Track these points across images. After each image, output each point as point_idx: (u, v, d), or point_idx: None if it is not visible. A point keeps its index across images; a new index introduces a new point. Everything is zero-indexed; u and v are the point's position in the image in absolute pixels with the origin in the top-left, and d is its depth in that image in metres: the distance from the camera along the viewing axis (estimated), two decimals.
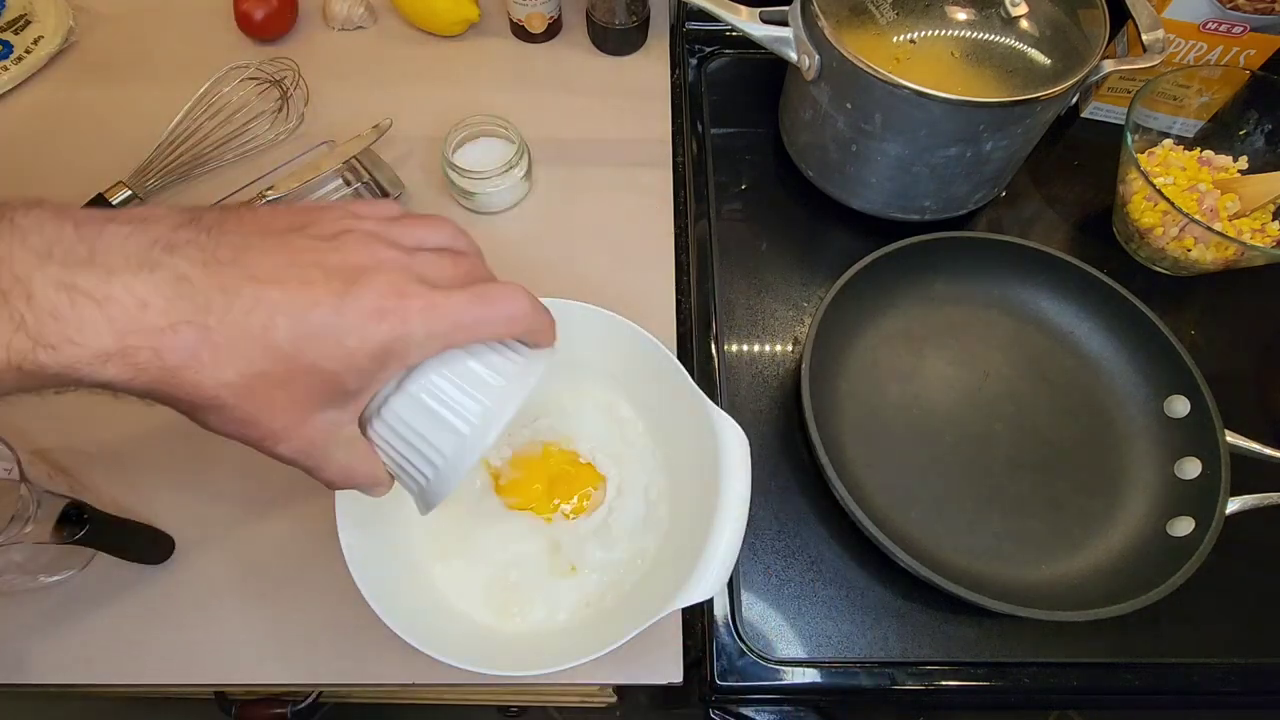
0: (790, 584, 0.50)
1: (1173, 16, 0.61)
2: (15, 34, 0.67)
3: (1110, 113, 0.70)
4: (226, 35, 0.69)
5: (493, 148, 0.61)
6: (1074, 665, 0.48)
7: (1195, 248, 0.58)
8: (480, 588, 0.44)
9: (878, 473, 0.52)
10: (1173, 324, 0.54)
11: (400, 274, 0.28)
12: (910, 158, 0.56)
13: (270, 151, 0.63)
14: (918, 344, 0.57)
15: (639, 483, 0.47)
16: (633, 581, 0.44)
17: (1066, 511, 0.51)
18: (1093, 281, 0.56)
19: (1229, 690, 0.48)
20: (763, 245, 0.63)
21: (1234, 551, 0.47)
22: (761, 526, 0.51)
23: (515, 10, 0.69)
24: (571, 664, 0.37)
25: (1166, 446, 0.52)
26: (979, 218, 0.65)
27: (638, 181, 0.63)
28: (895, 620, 0.48)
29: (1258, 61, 0.64)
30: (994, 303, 0.59)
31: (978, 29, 0.54)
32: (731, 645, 0.48)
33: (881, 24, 0.54)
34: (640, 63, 0.71)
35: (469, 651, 0.38)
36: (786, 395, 0.56)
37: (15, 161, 0.62)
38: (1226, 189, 0.60)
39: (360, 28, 0.71)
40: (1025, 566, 0.49)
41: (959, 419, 0.55)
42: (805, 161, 0.64)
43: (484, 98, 0.67)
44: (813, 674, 0.47)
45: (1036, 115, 0.54)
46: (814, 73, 0.56)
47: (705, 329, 0.58)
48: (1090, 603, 0.45)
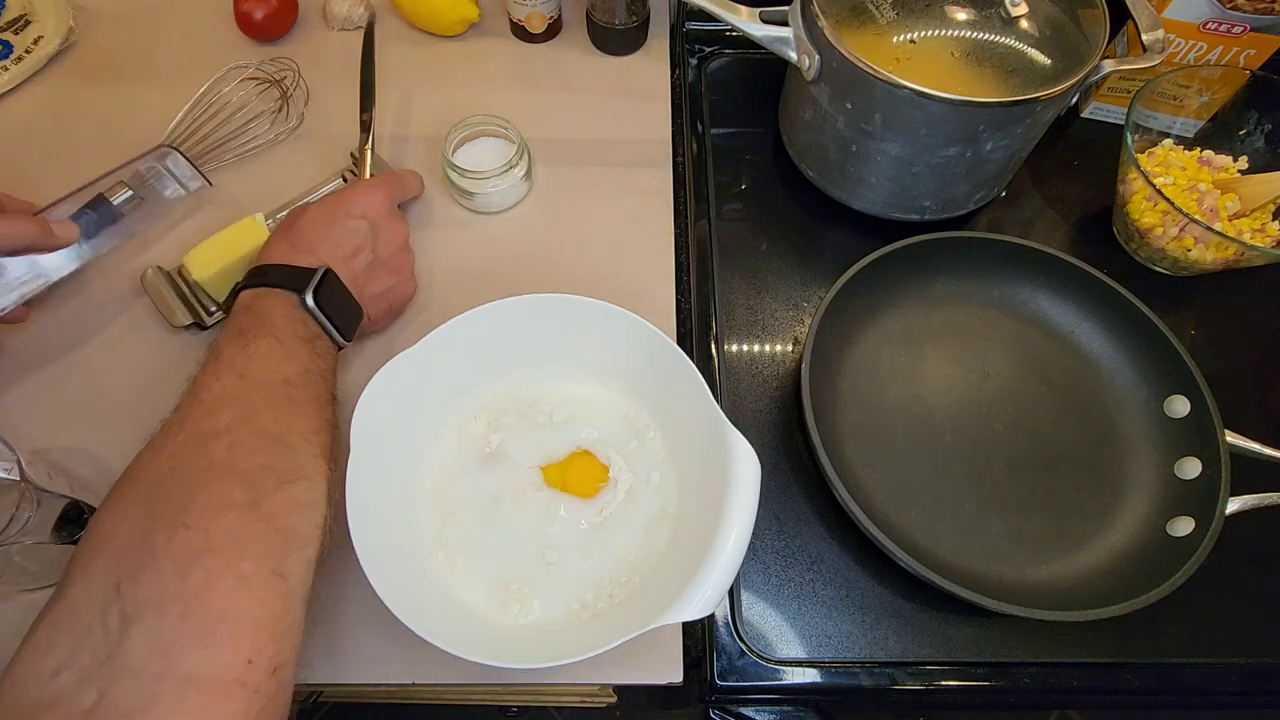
0: (790, 584, 0.50)
1: (1173, 16, 0.61)
2: (15, 34, 0.67)
3: (1110, 113, 0.70)
4: (226, 35, 0.69)
5: (493, 148, 0.61)
6: (1074, 665, 0.48)
7: (1195, 248, 0.58)
8: (484, 585, 0.44)
9: (878, 473, 0.52)
10: (1173, 324, 0.54)
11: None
12: (910, 158, 0.56)
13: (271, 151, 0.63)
14: (918, 344, 0.57)
15: (648, 489, 0.47)
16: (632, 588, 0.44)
17: (1066, 511, 0.51)
18: (1093, 281, 0.56)
19: (1229, 690, 0.48)
20: (763, 245, 0.63)
21: (1234, 551, 0.47)
22: (761, 526, 0.51)
23: (515, 10, 0.69)
24: (574, 659, 0.37)
25: (1166, 446, 0.52)
26: (979, 218, 0.65)
27: (638, 181, 0.63)
28: (895, 620, 0.48)
29: (1258, 61, 0.64)
30: (994, 303, 0.59)
31: (978, 29, 0.54)
32: (731, 645, 0.48)
33: (881, 24, 0.54)
34: (640, 63, 0.71)
35: (473, 646, 0.38)
36: (786, 395, 0.56)
37: (15, 161, 0.62)
38: (1226, 189, 0.60)
39: (360, 28, 0.71)
40: (1025, 566, 0.49)
41: (959, 419, 0.55)
42: (805, 161, 0.64)
43: (484, 98, 0.67)
44: (813, 674, 0.47)
45: (1036, 115, 0.54)
46: (814, 73, 0.56)
47: (705, 329, 0.58)
48: (1090, 603, 0.45)
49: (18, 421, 0.50)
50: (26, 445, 0.46)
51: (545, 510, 0.46)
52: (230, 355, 0.41)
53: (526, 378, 0.50)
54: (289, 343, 0.42)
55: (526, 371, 0.50)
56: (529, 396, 0.50)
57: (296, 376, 0.41)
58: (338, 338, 0.46)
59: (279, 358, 0.41)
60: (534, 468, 0.48)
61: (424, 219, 0.60)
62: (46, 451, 0.49)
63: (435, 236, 0.59)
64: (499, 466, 0.48)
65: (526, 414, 0.50)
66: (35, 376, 0.52)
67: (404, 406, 0.45)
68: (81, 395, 0.52)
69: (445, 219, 0.60)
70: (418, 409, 0.46)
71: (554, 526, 0.46)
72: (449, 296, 0.57)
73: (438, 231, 0.60)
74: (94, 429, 0.50)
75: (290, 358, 0.42)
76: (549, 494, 0.47)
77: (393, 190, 0.54)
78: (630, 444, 0.49)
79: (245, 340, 0.41)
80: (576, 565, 0.45)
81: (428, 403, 0.47)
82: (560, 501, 0.47)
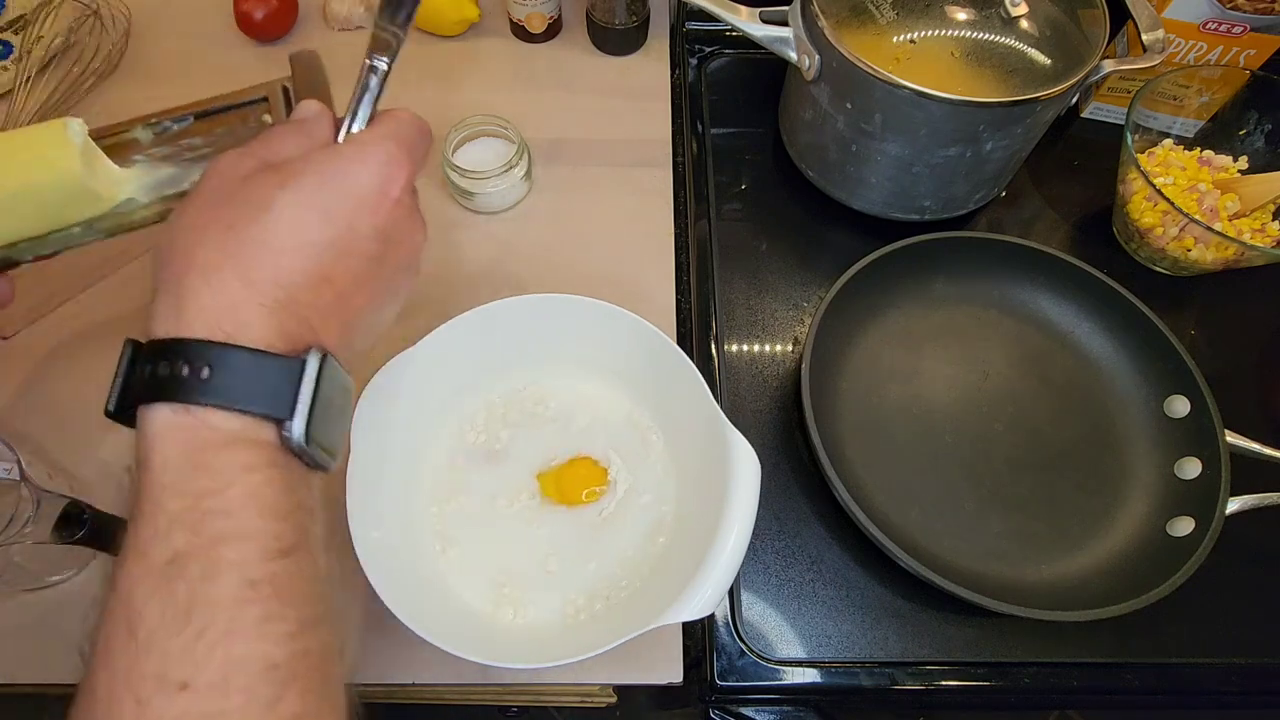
0: (790, 584, 0.50)
1: (1173, 16, 0.61)
2: (15, 34, 0.67)
3: (1110, 113, 0.70)
4: (227, 35, 0.69)
5: (493, 148, 0.61)
6: (1074, 665, 0.48)
7: (1195, 248, 0.58)
8: (484, 585, 0.44)
9: (878, 473, 0.52)
10: (1173, 324, 0.54)
11: None
12: (910, 158, 0.56)
13: None
14: (918, 344, 0.57)
15: (648, 489, 0.47)
16: (632, 589, 0.44)
17: (1066, 511, 0.51)
18: (1093, 281, 0.56)
19: (1229, 690, 0.48)
20: (763, 245, 0.63)
21: (1234, 551, 0.47)
22: (761, 526, 0.51)
23: (515, 10, 0.69)
24: (574, 659, 0.37)
25: (1166, 446, 0.52)
26: (979, 218, 0.65)
27: (638, 181, 0.63)
28: (895, 620, 0.48)
29: (1258, 61, 0.64)
30: (994, 303, 0.59)
31: (978, 29, 0.54)
32: (731, 645, 0.48)
33: (881, 24, 0.54)
34: (640, 63, 0.71)
35: (474, 646, 0.38)
36: (786, 395, 0.56)
37: None
38: (1226, 189, 0.60)
39: (360, 28, 0.71)
40: (1025, 566, 0.49)
41: (959, 419, 0.54)
42: (805, 161, 0.64)
43: (484, 98, 0.67)
44: (813, 674, 0.47)
45: (1036, 115, 0.54)
46: (814, 73, 0.56)
47: (705, 329, 0.58)
48: (1090, 603, 0.45)
49: (18, 422, 0.50)
50: (26, 445, 0.46)
51: (545, 511, 0.46)
52: (163, 648, 0.23)
53: (526, 378, 0.50)
54: (271, 576, 0.24)
55: (526, 371, 0.50)
56: (529, 397, 0.50)
57: (287, 658, 0.24)
58: (330, 466, 0.29)
59: (256, 634, 0.23)
60: (530, 475, 0.48)
61: (427, 220, 0.60)
62: (46, 451, 0.49)
63: (435, 236, 0.59)
64: (499, 467, 0.48)
65: (526, 414, 0.50)
66: (35, 376, 0.52)
67: (404, 406, 0.45)
68: (78, 395, 0.52)
69: (445, 219, 0.60)
70: (417, 409, 0.46)
71: (554, 527, 0.46)
72: (449, 296, 0.57)
73: (437, 231, 0.59)
74: (94, 429, 0.50)
75: (277, 617, 0.24)
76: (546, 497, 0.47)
77: (415, 157, 0.33)
78: (630, 444, 0.49)
79: (186, 598, 0.23)
80: (576, 565, 0.45)
81: (427, 403, 0.47)
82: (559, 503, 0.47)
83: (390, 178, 0.30)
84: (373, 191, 0.30)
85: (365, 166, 0.30)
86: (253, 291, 0.26)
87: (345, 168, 0.29)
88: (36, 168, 0.31)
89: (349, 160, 0.30)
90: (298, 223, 0.28)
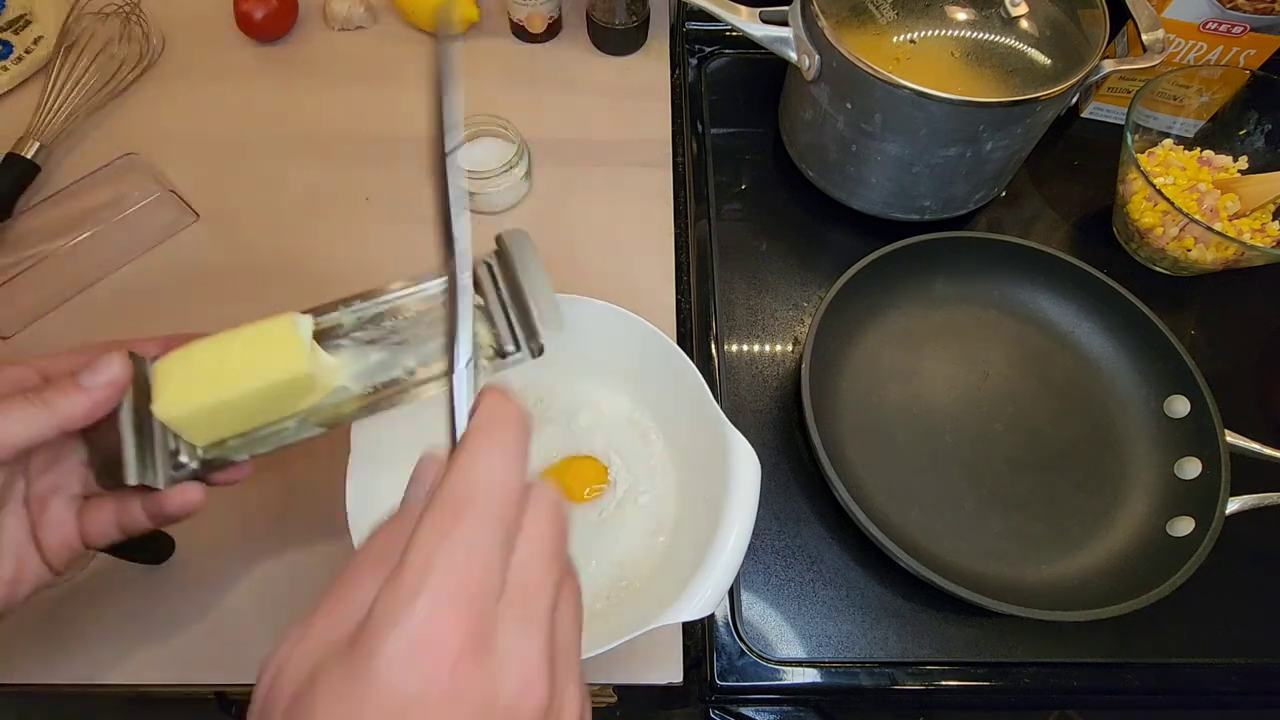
0: (790, 584, 0.50)
1: (1173, 16, 0.61)
2: (15, 34, 0.67)
3: (1110, 113, 0.70)
4: (227, 35, 0.69)
5: (493, 148, 0.61)
6: (1074, 665, 0.48)
7: (1195, 248, 0.58)
8: None
9: (878, 473, 0.52)
10: (1173, 324, 0.54)
11: None
12: (910, 158, 0.56)
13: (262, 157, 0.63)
14: (918, 344, 0.57)
15: (648, 489, 0.47)
16: (632, 589, 0.44)
17: (1066, 511, 0.51)
18: (1093, 281, 0.56)
19: (1229, 690, 0.48)
20: (763, 245, 0.63)
21: (1234, 551, 0.47)
22: (761, 526, 0.51)
23: (515, 10, 0.69)
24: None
25: (1166, 446, 0.52)
26: (979, 218, 0.65)
27: (638, 181, 0.63)
28: (895, 620, 0.48)
29: (1258, 61, 0.64)
30: (994, 303, 0.59)
31: (978, 29, 0.54)
32: (731, 645, 0.48)
33: (881, 24, 0.54)
34: (640, 63, 0.71)
35: None
36: (786, 395, 0.56)
37: None
38: (1226, 189, 0.60)
39: (360, 28, 0.71)
40: (1025, 566, 0.49)
41: (959, 419, 0.55)
42: (805, 161, 0.64)
43: (484, 98, 0.67)
44: (813, 674, 0.47)
45: (1036, 115, 0.54)
46: (814, 73, 0.56)
47: (705, 329, 0.58)
48: (1090, 603, 0.45)
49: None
50: None
51: None
52: None
53: (526, 377, 0.50)
54: None
55: (526, 371, 0.50)
56: (529, 396, 0.50)
57: None
58: None
59: None
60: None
61: (424, 219, 0.60)
62: None
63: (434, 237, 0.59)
64: None
65: None
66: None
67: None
68: None
69: None
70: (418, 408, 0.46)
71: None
72: None
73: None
74: None
75: None
76: None
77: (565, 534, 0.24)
78: (630, 444, 0.49)
79: None
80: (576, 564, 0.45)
81: (428, 402, 0.47)
82: None
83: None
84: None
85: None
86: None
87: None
88: (267, 370, 0.30)
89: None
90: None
